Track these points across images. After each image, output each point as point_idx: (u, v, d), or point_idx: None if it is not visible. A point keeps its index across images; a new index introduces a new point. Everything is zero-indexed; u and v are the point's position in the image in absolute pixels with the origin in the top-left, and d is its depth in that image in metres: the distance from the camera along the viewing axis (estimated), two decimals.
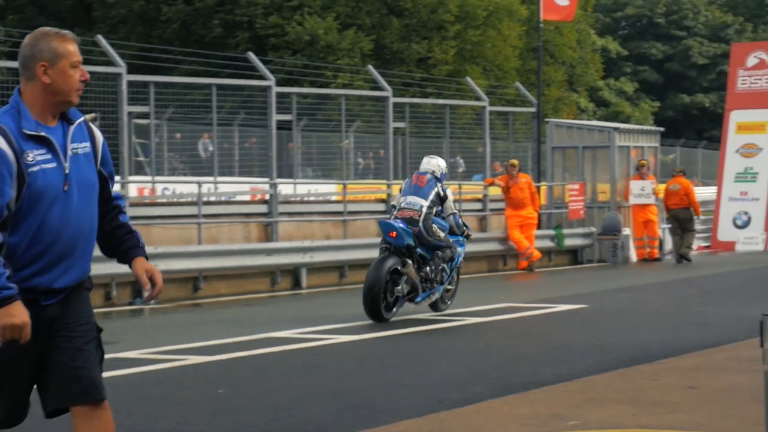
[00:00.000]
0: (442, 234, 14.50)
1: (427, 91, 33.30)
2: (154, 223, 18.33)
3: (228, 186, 23.62)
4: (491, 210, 24.62)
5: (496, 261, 23.88)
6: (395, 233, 14.04)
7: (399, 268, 14.03)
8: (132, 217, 5.03)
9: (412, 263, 14.12)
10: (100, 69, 18.31)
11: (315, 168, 28.66)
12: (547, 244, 24.73)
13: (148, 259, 5.06)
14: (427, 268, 14.42)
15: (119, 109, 18.10)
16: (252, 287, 19.05)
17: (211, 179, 21.89)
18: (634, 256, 25.53)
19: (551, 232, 25.07)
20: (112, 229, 5.05)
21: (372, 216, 22.39)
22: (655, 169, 27.15)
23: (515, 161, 23.91)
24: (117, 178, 14.31)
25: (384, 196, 23.00)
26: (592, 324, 14.01)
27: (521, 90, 28.05)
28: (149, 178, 22.83)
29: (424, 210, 14.32)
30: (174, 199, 21.14)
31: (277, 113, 20.84)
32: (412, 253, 14.23)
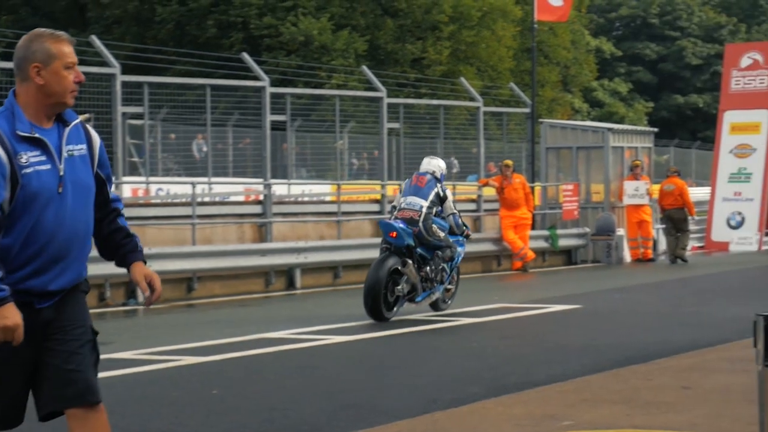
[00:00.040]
0: (441, 234, 14.56)
1: (422, 92, 33.30)
2: (148, 224, 18.32)
3: (222, 186, 23.60)
4: (485, 210, 24.63)
5: (490, 261, 23.89)
6: (395, 233, 14.10)
7: (399, 267, 14.10)
8: (126, 218, 5.01)
9: (412, 263, 14.18)
10: (94, 69, 18.31)
11: (309, 168, 28.65)
12: (542, 244, 24.74)
13: (146, 263, 5.06)
14: (427, 267, 14.48)
15: (113, 110, 18.09)
16: (246, 288, 19.05)
17: (206, 180, 21.88)
18: (628, 256, 25.55)
19: (545, 232, 25.08)
20: (110, 233, 5.03)
21: (366, 217, 22.40)
22: (649, 170, 27.17)
23: (509, 162, 23.91)
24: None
25: (378, 196, 23.00)
26: (586, 324, 14.03)
27: (515, 90, 28.06)
28: (143, 178, 22.81)
29: (423, 210, 14.39)
30: (168, 200, 21.14)
31: (272, 114, 20.85)
32: (412, 253, 14.29)
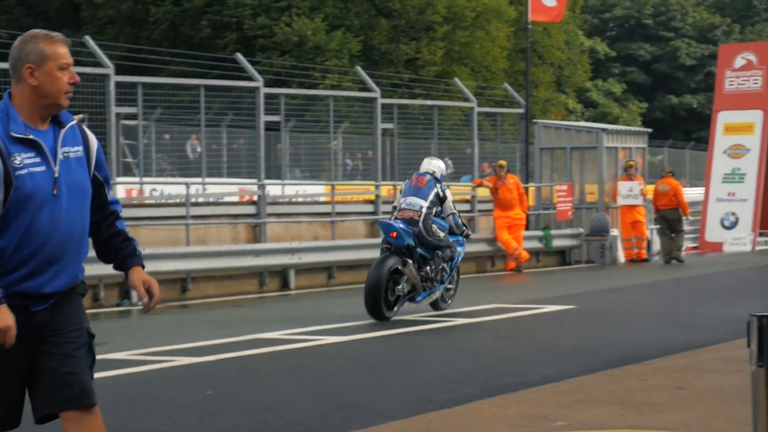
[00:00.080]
0: (441, 234, 14.61)
1: (416, 92, 33.29)
2: (142, 224, 18.31)
3: (216, 187, 23.59)
4: (479, 211, 24.65)
5: (484, 262, 23.90)
6: (396, 233, 14.15)
7: (399, 267, 14.16)
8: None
9: (412, 263, 14.23)
10: (88, 70, 18.30)
11: (303, 169, 28.64)
12: (536, 245, 24.76)
13: (144, 268, 5.04)
14: (428, 267, 14.53)
15: (107, 110, 18.08)
16: (240, 288, 19.05)
17: (200, 180, 21.88)
18: (622, 256, 25.58)
19: (539, 233, 25.10)
20: (109, 236, 5.01)
21: (360, 217, 22.41)
22: (643, 170, 27.20)
23: (503, 162, 23.94)
24: None
25: (372, 197, 23.00)
26: (580, 325, 14.04)
27: (509, 91, 28.08)
28: (137, 179, 22.79)
29: (423, 210, 14.44)
30: (162, 200, 21.12)
31: (266, 114, 20.86)
32: (412, 253, 14.34)
